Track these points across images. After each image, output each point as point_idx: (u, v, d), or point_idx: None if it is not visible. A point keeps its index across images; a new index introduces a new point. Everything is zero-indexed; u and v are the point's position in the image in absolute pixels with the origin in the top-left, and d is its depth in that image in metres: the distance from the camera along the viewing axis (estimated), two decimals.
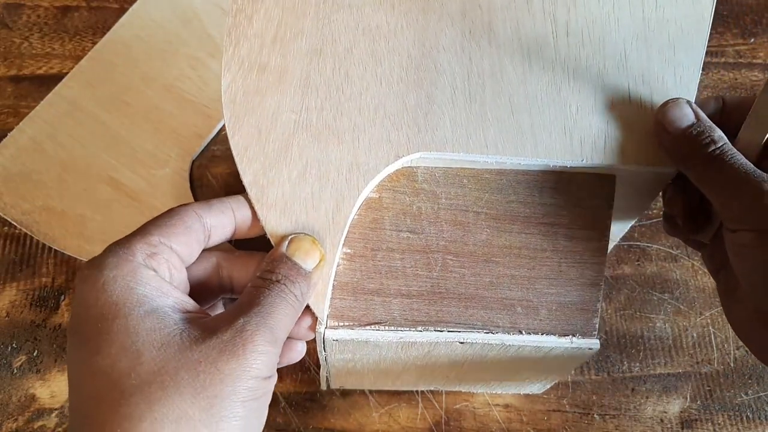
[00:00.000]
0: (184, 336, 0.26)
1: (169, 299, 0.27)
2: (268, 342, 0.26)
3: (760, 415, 0.44)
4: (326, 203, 0.32)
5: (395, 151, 0.32)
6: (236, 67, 0.34)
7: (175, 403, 0.24)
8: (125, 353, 0.25)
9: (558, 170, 0.31)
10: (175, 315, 0.27)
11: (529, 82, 0.33)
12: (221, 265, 0.32)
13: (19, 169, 0.48)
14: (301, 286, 0.29)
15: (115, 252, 0.27)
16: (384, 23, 0.34)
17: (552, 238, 0.32)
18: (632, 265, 0.47)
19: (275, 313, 0.27)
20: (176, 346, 0.25)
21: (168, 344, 0.25)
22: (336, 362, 0.35)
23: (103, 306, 0.26)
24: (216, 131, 0.51)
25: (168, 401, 0.24)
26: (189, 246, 0.29)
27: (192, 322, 0.27)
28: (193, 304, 0.28)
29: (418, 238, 0.32)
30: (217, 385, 0.25)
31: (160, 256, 0.28)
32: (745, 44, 0.54)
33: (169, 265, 0.28)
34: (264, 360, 0.26)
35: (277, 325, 0.27)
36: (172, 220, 0.29)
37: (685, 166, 0.30)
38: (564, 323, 0.32)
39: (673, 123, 0.30)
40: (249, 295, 0.28)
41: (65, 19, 0.54)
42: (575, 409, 0.44)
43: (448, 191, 0.32)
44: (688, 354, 0.45)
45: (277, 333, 0.27)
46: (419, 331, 0.32)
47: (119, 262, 0.27)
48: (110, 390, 0.25)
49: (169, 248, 0.28)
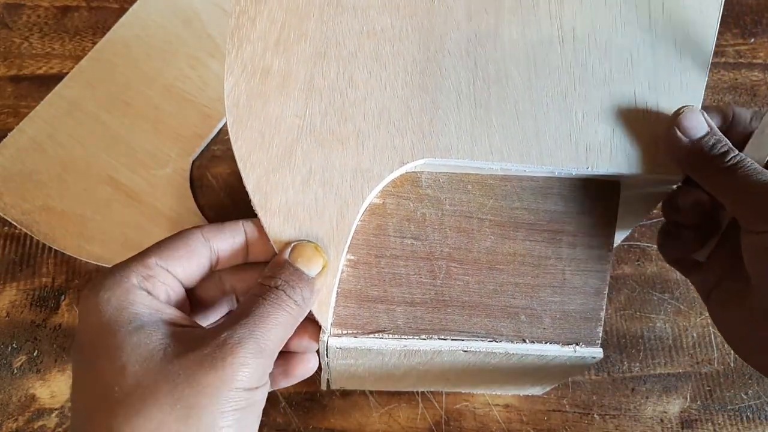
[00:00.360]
0: (168, 350, 0.26)
1: (159, 316, 0.28)
2: (252, 353, 0.26)
3: (760, 415, 0.44)
4: (330, 209, 0.31)
5: (400, 157, 0.32)
6: (239, 70, 0.33)
7: (153, 414, 0.25)
8: (112, 368, 0.26)
9: (563, 177, 0.31)
10: (163, 331, 0.27)
11: (534, 87, 0.33)
12: (223, 279, 0.33)
13: (19, 169, 0.48)
14: (302, 292, 0.29)
15: (111, 275, 0.28)
16: (389, 26, 0.33)
17: (556, 246, 0.32)
18: (632, 265, 0.47)
19: (265, 323, 0.27)
20: (158, 360, 0.26)
21: (151, 358, 0.26)
22: (338, 367, 0.35)
23: (97, 325, 0.27)
24: (216, 131, 0.51)
25: (146, 412, 0.25)
26: (189, 269, 0.30)
27: (179, 336, 0.27)
28: (187, 320, 0.29)
29: (422, 245, 0.32)
30: (194, 397, 0.25)
31: (155, 278, 0.29)
32: (745, 44, 0.54)
33: (166, 287, 0.29)
34: (248, 372, 0.26)
35: (266, 335, 0.27)
36: (174, 243, 0.30)
37: (700, 175, 0.30)
38: (567, 332, 0.32)
39: (687, 131, 0.30)
40: (243, 305, 0.28)
41: (65, 19, 0.54)
42: (575, 409, 0.44)
43: (452, 197, 0.32)
44: (688, 354, 0.45)
45: (264, 343, 0.27)
46: (423, 339, 0.32)
47: (114, 283, 0.28)
48: (98, 403, 0.26)
49: (166, 270, 0.29)
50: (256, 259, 0.32)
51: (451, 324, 0.32)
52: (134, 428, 0.25)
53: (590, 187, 0.32)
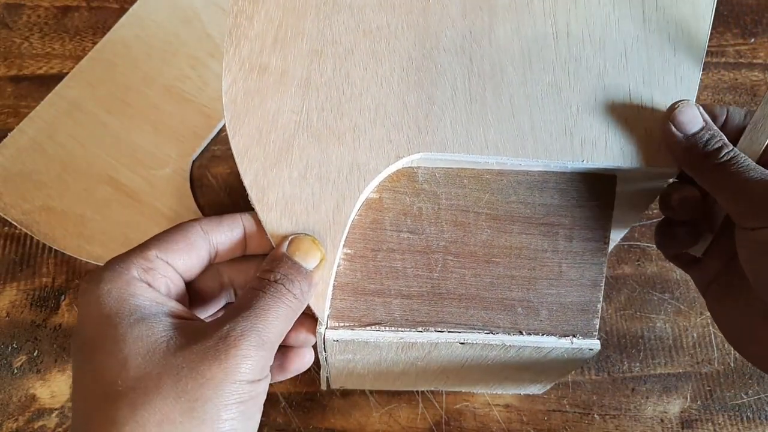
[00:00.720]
0: (170, 343, 0.26)
1: (161, 308, 0.28)
2: (254, 346, 0.27)
3: (760, 415, 0.44)
4: (327, 203, 0.32)
5: (396, 152, 0.32)
6: (237, 67, 0.34)
7: (158, 406, 0.25)
8: (114, 361, 0.26)
9: (559, 171, 0.31)
10: (165, 323, 0.27)
11: (529, 82, 0.33)
12: (222, 271, 0.33)
13: (19, 169, 0.48)
14: (301, 285, 0.29)
15: (111, 267, 0.28)
16: (385, 24, 0.34)
17: (552, 239, 0.32)
18: (632, 265, 0.47)
19: (266, 316, 0.27)
20: (161, 352, 0.26)
21: (154, 351, 0.26)
22: (336, 363, 0.35)
23: (98, 317, 0.27)
24: (216, 131, 0.51)
25: (150, 405, 0.25)
26: (188, 262, 0.30)
27: (182, 329, 0.27)
28: (188, 312, 0.29)
29: (419, 239, 0.32)
30: (198, 389, 0.25)
31: (155, 270, 0.29)
32: (745, 44, 0.54)
33: (166, 279, 0.29)
34: (250, 364, 0.26)
35: (267, 328, 0.27)
36: (174, 236, 0.30)
37: (694, 170, 0.30)
38: (564, 324, 0.32)
39: (682, 125, 0.30)
40: (242, 298, 0.28)
41: (65, 19, 0.54)
42: (575, 409, 0.44)
43: (448, 192, 0.32)
44: (688, 354, 0.45)
45: (266, 336, 0.27)
46: (420, 331, 0.32)
47: (114, 276, 0.28)
48: (100, 396, 0.26)
49: (166, 263, 0.29)
50: (254, 252, 0.32)
51: (448, 316, 0.32)
52: (138, 421, 0.25)
53: (586, 181, 0.32)
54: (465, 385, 0.42)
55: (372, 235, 0.32)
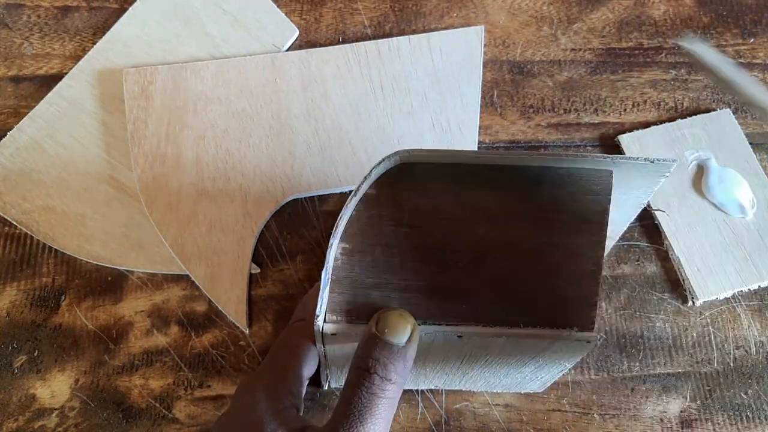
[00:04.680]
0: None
1: None
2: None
3: (760, 414, 0.44)
4: (231, 246, 0.45)
5: (274, 199, 0.46)
6: (143, 160, 0.46)
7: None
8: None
9: (556, 166, 0.31)
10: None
11: (360, 128, 0.48)
12: None
13: (19, 169, 0.48)
14: (395, 367, 0.29)
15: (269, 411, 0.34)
16: (247, 107, 0.48)
17: (550, 233, 0.32)
18: (632, 265, 0.47)
19: (370, 419, 0.28)
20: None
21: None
22: (336, 360, 0.35)
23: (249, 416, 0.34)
24: None
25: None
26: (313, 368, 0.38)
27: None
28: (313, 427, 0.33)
29: (416, 234, 0.32)
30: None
31: (298, 397, 0.36)
32: (744, 44, 0.54)
33: None
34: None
35: (374, 428, 0.28)
36: (308, 361, 0.38)
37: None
38: (562, 317, 0.32)
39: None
40: (345, 397, 0.29)
41: (65, 19, 0.54)
42: (575, 409, 0.44)
43: (446, 187, 0.32)
44: (688, 354, 0.45)
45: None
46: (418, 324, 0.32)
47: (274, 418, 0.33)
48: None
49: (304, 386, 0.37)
50: None
51: (446, 310, 0.32)
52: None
53: (583, 175, 0.32)
54: (464, 382, 0.42)
55: (369, 230, 0.32)
